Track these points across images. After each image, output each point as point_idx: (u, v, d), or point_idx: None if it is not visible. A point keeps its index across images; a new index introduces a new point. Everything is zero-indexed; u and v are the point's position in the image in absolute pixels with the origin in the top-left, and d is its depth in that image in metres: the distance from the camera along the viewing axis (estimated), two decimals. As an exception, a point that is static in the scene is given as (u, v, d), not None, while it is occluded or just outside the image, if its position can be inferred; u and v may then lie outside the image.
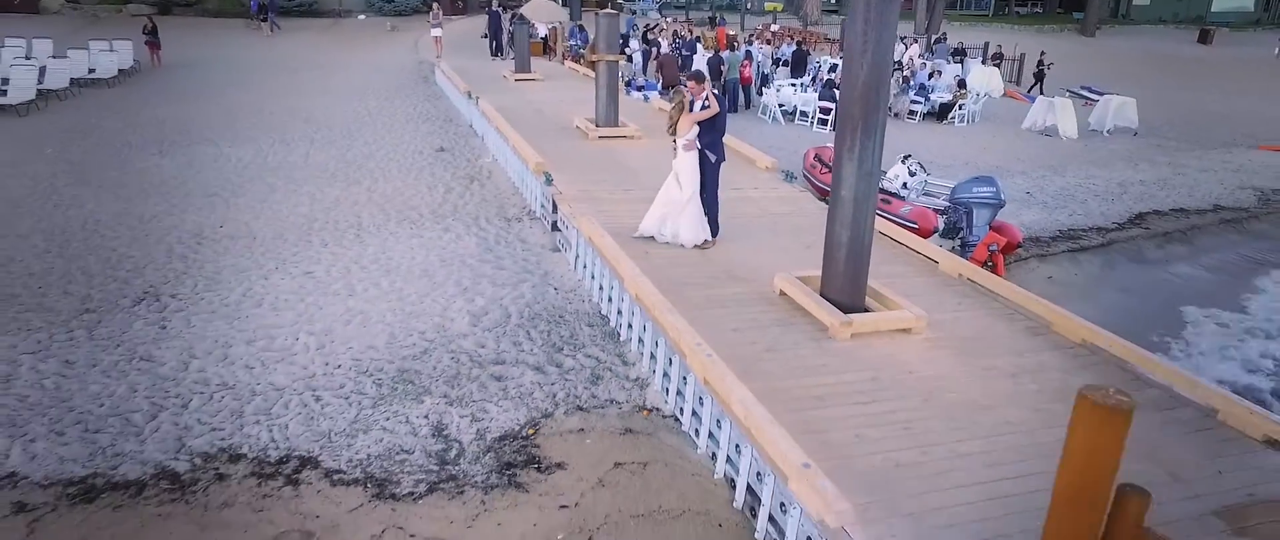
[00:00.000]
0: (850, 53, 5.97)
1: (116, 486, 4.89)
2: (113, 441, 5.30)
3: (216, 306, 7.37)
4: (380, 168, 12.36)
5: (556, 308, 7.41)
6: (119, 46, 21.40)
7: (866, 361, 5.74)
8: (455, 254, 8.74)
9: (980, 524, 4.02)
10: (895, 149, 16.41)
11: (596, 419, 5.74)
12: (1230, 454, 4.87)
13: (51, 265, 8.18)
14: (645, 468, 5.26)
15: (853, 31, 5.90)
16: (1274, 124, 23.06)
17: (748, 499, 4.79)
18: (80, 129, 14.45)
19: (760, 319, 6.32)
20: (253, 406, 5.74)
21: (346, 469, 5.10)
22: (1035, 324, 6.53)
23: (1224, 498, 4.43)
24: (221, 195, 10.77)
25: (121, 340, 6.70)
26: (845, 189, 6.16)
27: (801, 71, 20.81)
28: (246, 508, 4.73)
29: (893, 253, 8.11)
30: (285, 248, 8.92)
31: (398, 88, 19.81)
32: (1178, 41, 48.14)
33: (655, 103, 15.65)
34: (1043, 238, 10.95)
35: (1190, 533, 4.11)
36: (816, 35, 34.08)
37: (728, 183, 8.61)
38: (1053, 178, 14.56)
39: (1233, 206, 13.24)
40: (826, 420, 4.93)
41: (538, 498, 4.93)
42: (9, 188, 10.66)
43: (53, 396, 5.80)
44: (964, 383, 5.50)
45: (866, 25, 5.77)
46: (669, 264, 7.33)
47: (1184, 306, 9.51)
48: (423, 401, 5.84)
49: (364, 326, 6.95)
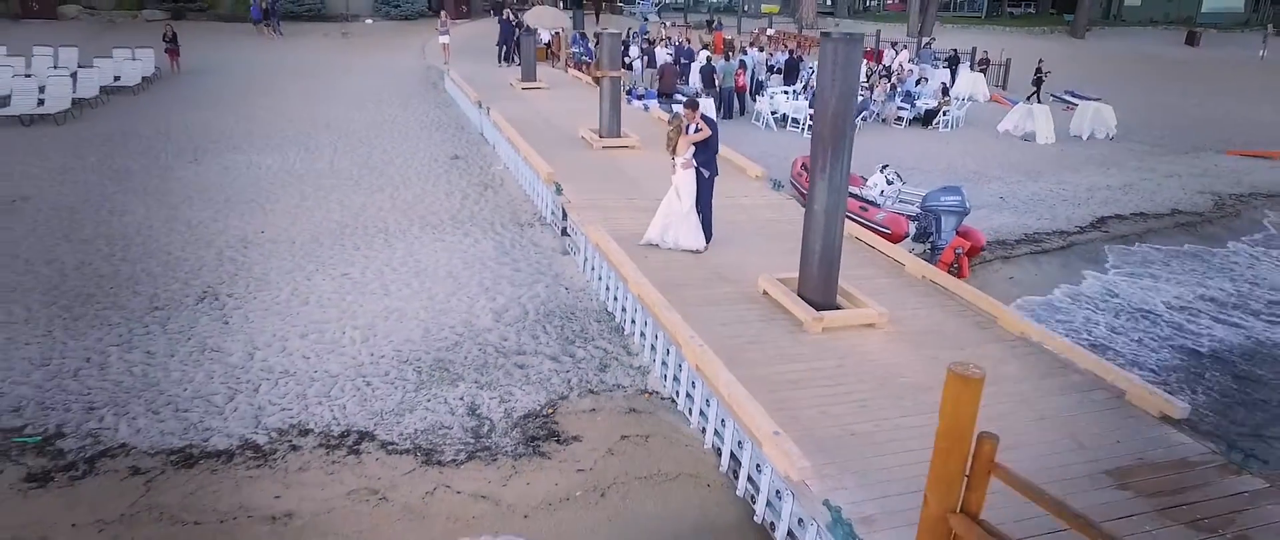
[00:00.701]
0: (822, 88, 6.99)
1: (209, 455, 5.92)
2: (200, 419, 6.33)
3: (269, 304, 8.39)
4: (400, 175, 13.37)
5: (568, 305, 8.44)
6: (141, 54, 22.41)
7: (834, 351, 6.77)
8: (475, 256, 9.76)
9: (910, 479, 5.03)
10: (882, 154, 17.50)
11: (605, 400, 6.77)
12: (1130, 427, 5.90)
13: (118, 268, 9.19)
14: (647, 440, 6.30)
15: (824, 70, 6.92)
16: (1247, 128, 24.06)
17: (731, 464, 5.82)
18: (117, 137, 15.44)
19: (745, 315, 7.35)
20: (313, 390, 6.77)
21: (398, 441, 6.13)
22: (983, 319, 7.56)
23: (1117, 461, 5.47)
24: (258, 202, 11.77)
25: (191, 334, 7.72)
26: (818, 203, 7.19)
27: (794, 79, 21.77)
28: (320, 471, 5.76)
29: (865, 256, 9.13)
30: (322, 251, 9.93)
31: (410, 94, 20.80)
32: (1165, 43, 49.09)
33: (654, 112, 16.62)
34: (1008, 240, 11.97)
35: (1083, 487, 5.15)
36: (811, 40, 34.99)
37: (721, 191, 9.62)
38: (1026, 183, 15.57)
39: (1189, 210, 14.25)
40: (796, 399, 5.96)
41: (558, 464, 5.96)
42: (66, 196, 11.66)
43: (143, 382, 6.83)
44: (914, 369, 6.53)
45: (835, 66, 6.79)
46: (667, 267, 8.35)
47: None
48: (457, 386, 6.87)
49: (401, 322, 7.97)
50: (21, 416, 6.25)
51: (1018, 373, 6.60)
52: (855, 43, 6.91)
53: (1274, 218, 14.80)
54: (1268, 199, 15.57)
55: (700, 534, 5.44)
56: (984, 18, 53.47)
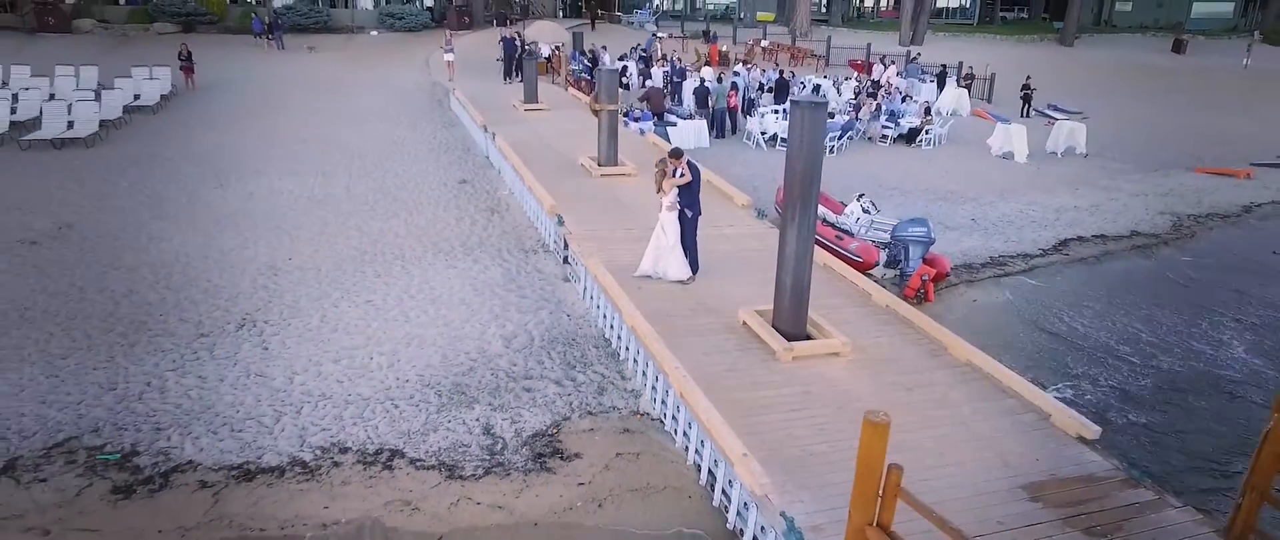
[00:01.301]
0: (791, 149, 7.99)
1: (264, 470, 6.93)
2: (253, 438, 7.34)
3: (302, 331, 9.40)
4: (413, 200, 14.37)
5: (569, 332, 9.45)
6: (159, 73, 23.40)
7: (801, 379, 7.78)
8: (485, 283, 10.77)
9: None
10: (867, 172, 18.54)
11: (602, 421, 7.80)
12: (1049, 447, 6.92)
13: (163, 296, 10.19)
14: (638, 456, 7.32)
15: (793, 133, 7.93)
16: (1222, 142, 25.05)
17: (709, 478, 6.84)
18: (144, 160, 16.43)
19: (725, 344, 8.36)
20: (348, 412, 7.78)
21: (425, 457, 7.15)
22: (935, 347, 8.58)
23: (1033, 477, 6.48)
24: (283, 228, 12.77)
25: (236, 359, 8.73)
26: (789, 247, 8.20)
27: (783, 98, 22.75)
28: (360, 485, 6.78)
29: (837, 286, 10.15)
30: (345, 278, 10.94)
31: (417, 113, 21.78)
32: (1153, 51, 50.01)
33: (649, 137, 17.60)
34: (974, 264, 12.99)
35: (1001, 499, 6.16)
36: (804, 51, 35.98)
37: (708, 221, 10.64)
38: (998, 204, 16.58)
39: (1148, 232, 15.27)
40: (765, 423, 6.97)
41: (562, 478, 6.98)
42: (106, 222, 12.66)
43: (200, 404, 7.84)
44: (870, 395, 7.54)
45: (803, 130, 7.80)
46: (657, 298, 9.36)
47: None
48: (473, 408, 7.89)
49: (421, 348, 8.99)
50: (101, 436, 7.27)
51: (960, 398, 7.62)
52: (820, 108, 7.91)
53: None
54: (1223, 220, 16.60)
55: (678, 529, 6.46)
56: (975, 25, 54.29)
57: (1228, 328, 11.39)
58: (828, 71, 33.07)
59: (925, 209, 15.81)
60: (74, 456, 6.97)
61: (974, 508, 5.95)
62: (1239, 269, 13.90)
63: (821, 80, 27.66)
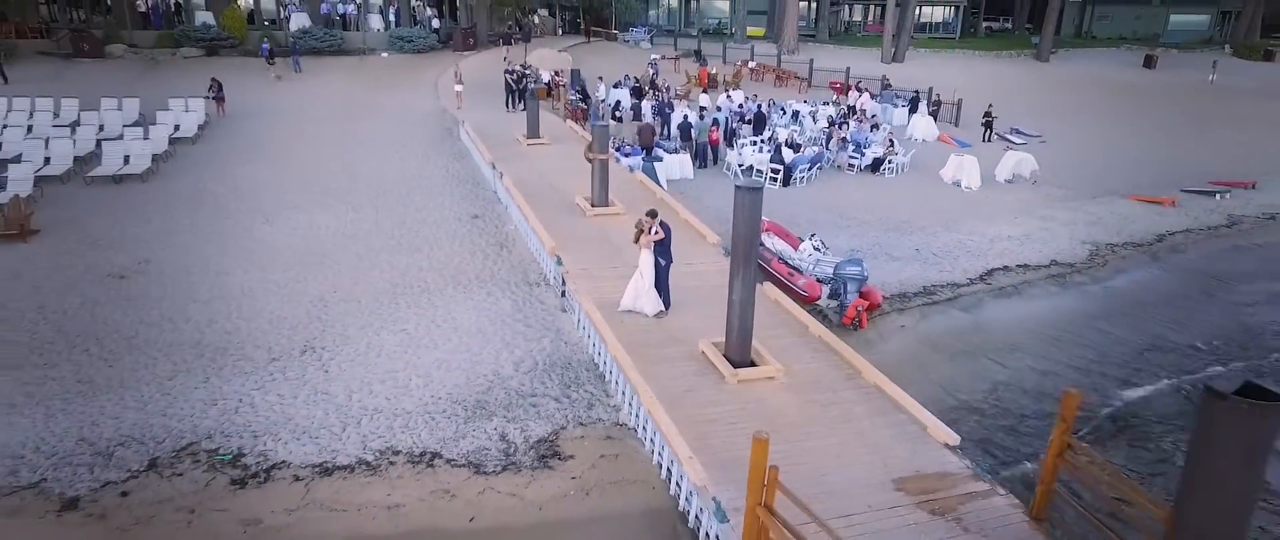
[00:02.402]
0: (735, 225, 10.37)
1: (339, 468, 9.35)
2: (328, 443, 9.76)
3: (353, 356, 11.81)
4: (432, 234, 16.75)
5: (566, 358, 11.87)
6: (193, 105, 25.75)
7: (743, 398, 10.20)
8: (497, 314, 13.18)
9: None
10: (833, 200, 20.92)
11: (591, 430, 10.22)
12: (921, 451, 9.33)
13: (238, 326, 12.60)
14: (617, 457, 9.74)
15: (738, 211, 10.31)
16: (1167, 165, 27.23)
17: (667, 473, 9.26)
18: (196, 196, 18.80)
19: (686, 370, 10.78)
20: (397, 423, 10.20)
21: (457, 458, 9.57)
22: (851, 371, 11.00)
23: (902, 473, 8.90)
24: (325, 262, 15.17)
25: (304, 380, 11.14)
26: (735, 295, 10.60)
27: (762, 129, 25.14)
28: (411, 478, 9.20)
29: (782, 318, 12.56)
30: (382, 309, 13.35)
31: (430, 144, 24.13)
32: (1125, 66, 52.21)
33: (637, 175, 19.96)
34: (908, 293, 15.40)
35: (874, 489, 8.57)
36: (788, 73, 38.31)
37: (681, 258, 13.04)
38: (941, 234, 18.96)
39: (1065, 262, 17.68)
40: (712, 432, 9.38)
41: (559, 473, 9.41)
42: (178, 258, 15.05)
43: (283, 416, 10.26)
44: (793, 411, 9.96)
45: (742, 210, 10.18)
46: (634, 330, 11.77)
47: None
48: (492, 420, 10.31)
49: (449, 372, 11.40)
50: (213, 441, 9.69)
51: (862, 413, 10.04)
52: (757, 192, 10.29)
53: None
54: (1137, 248, 19.01)
55: (647, 517, 8.89)
56: (956, 40, 56.52)
57: (1111, 355, 13.84)
58: (809, 94, 35.45)
59: (877, 238, 18.24)
60: (197, 457, 9.40)
61: (852, 494, 8.38)
62: (1139, 299, 16.34)
63: (801, 106, 30.02)
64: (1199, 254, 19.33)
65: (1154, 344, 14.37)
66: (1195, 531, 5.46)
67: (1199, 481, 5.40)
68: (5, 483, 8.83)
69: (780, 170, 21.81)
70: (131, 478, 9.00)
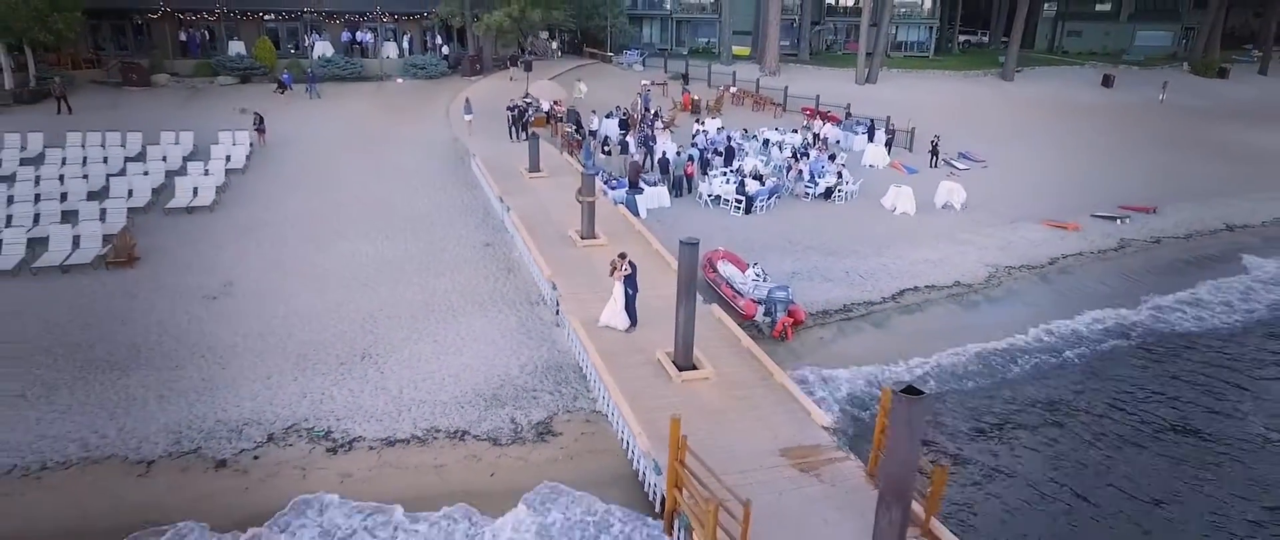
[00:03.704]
0: (680, 267, 14.42)
1: (398, 441, 13.44)
2: (390, 424, 13.84)
3: (400, 361, 15.88)
4: (453, 260, 20.80)
5: (558, 362, 15.94)
6: (239, 138, 29.80)
7: (683, 393, 14.25)
8: (506, 328, 17.25)
9: (708, 459, 12.53)
10: (782, 230, 24.88)
11: (576, 415, 14.30)
12: (803, 429, 13.37)
13: (312, 337, 16.67)
14: (594, 434, 13.83)
15: (681, 269, 14.35)
16: (1092, 190, 30.93)
17: (625, 446, 13.35)
18: (255, 225, 22.84)
19: (645, 373, 14.82)
20: (437, 410, 14.28)
21: (481, 435, 13.65)
22: (765, 373, 15.06)
23: (786, 445, 12.96)
24: (370, 285, 19.22)
25: (366, 379, 15.22)
26: (680, 317, 14.65)
27: (731, 161, 29.16)
28: (449, 448, 13.29)
29: (721, 332, 16.60)
30: (418, 324, 17.41)
31: (446, 175, 28.15)
32: (1085, 84, 55.77)
33: (620, 209, 23.98)
34: (831, 311, 19.43)
35: (762, 456, 12.63)
36: (765, 99, 42.29)
37: (649, 285, 17.06)
38: (871, 258, 22.97)
39: (966, 283, 21.71)
40: (658, 417, 13.40)
41: (553, 446, 13.50)
42: (254, 282, 19.11)
43: (355, 405, 14.34)
44: (718, 402, 14.01)
45: (683, 268, 14.23)
46: (609, 342, 15.81)
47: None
48: (504, 408, 14.39)
49: (473, 373, 15.46)
50: (309, 422, 13.78)
51: (767, 403, 14.08)
52: (694, 246, 14.31)
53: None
54: (1031, 270, 23.04)
55: (612, 473, 12.96)
56: (929, 59, 60.30)
57: (966, 360, 17.93)
58: (783, 119, 39.48)
59: (816, 262, 22.25)
60: (300, 433, 13.49)
61: (750, 458, 12.42)
62: (1013, 311, 20.39)
63: (773, 133, 34.05)
64: (1083, 275, 23.36)
65: (1005, 348, 18.48)
66: (887, 472, 9.46)
67: (895, 443, 9.38)
68: (174, 449, 12.93)
69: (743, 200, 25.85)
70: (258, 446, 13.10)
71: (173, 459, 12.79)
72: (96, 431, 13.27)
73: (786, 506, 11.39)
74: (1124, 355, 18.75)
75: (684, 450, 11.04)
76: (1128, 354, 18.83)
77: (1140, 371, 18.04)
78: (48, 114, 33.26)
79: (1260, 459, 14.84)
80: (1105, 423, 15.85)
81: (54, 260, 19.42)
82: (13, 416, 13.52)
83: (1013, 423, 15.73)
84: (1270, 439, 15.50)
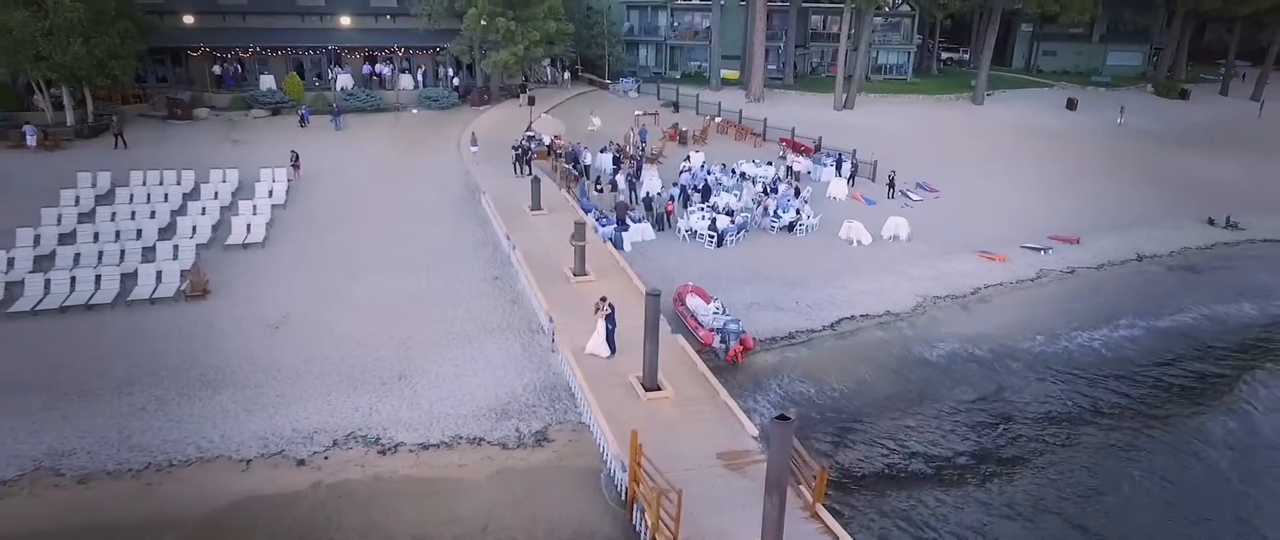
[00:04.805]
0: (647, 317, 18.73)
1: (431, 445, 17.79)
2: (423, 432, 18.19)
3: (429, 381, 20.20)
4: (468, 293, 25.11)
5: (553, 383, 20.27)
6: (278, 174, 34.14)
7: (648, 409, 18.56)
8: (512, 354, 21.57)
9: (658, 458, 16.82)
10: (745, 263, 29.10)
11: (565, 425, 18.64)
12: (736, 436, 17.68)
13: (356, 361, 20.99)
14: (579, 441, 18.19)
15: (647, 313, 18.66)
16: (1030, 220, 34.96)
17: (601, 449, 17.69)
18: (300, 259, 27.18)
19: (620, 392, 19.14)
20: (460, 421, 18.62)
21: (494, 441, 18.01)
22: (711, 392, 19.35)
23: (722, 450, 17.27)
24: (399, 315, 23.52)
25: (403, 396, 19.57)
26: (647, 351, 18.95)
27: (708, 198, 33.43)
28: (469, 451, 17.65)
29: (682, 357, 20.87)
30: (442, 350, 21.73)
31: (460, 210, 32.43)
32: (1051, 106, 59.31)
33: (607, 247, 28.24)
34: (777, 337, 23.69)
35: (703, 459, 16.95)
36: (746, 129, 46.48)
37: (627, 317, 21.34)
38: (820, 288, 27.23)
39: (895, 312, 25.94)
40: (627, 428, 17.72)
41: (548, 449, 17.86)
42: (308, 312, 23.41)
43: (395, 417, 18.69)
44: (674, 416, 18.32)
45: (650, 313, 18.54)
46: (592, 366, 20.12)
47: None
48: (510, 420, 18.74)
49: (485, 391, 19.78)
50: (362, 430, 18.12)
51: (712, 417, 18.37)
52: (656, 296, 18.58)
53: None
54: (954, 300, 27.27)
55: (591, 472, 17.28)
56: (908, 80, 64.26)
57: (877, 380, 22.22)
58: (762, 148, 43.68)
59: (772, 293, 26.50)
60: (357, 439, 17.86)
61: (693, 461, 16.70)
62: (922, 339, 24.66)
63: (749, 166, 38.28)
64: (999, 303, 27.58)
65: (916, 367, 22.74)
66: (769, 474, 13.73)
67: (771, 455, 13.63)
68: (263, 451, 17.30)
69: (716, 234, 30.12)
70: (326, 449, 17.47)
71: (264, 459, 17.16)
72: (205, 437, 17.66)
73: (716, 496, 15.70)
74: (1007, 373, 22.95)
75: (640, 454, 15.37)
76: (1009, 372, 23.02)
77: (1017, 393, 22.25)
78: (106, 148, 37.78)
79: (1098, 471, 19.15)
80: (968, 421, 20.16)
81: (143, 294, 23.80)
82: (140, 426, 17.91)
83: (908, 428, 20.03)
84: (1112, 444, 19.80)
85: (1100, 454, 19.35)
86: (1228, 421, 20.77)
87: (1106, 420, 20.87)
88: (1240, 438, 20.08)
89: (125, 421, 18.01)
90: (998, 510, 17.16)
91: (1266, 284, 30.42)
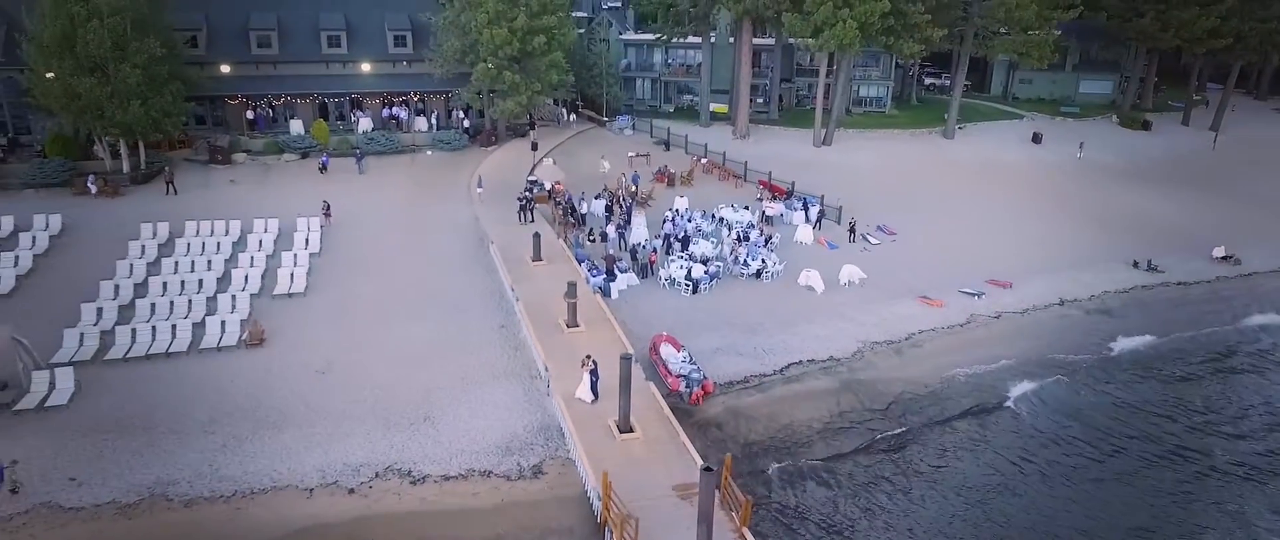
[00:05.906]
0: (620, 382, 23.68)
1: (453, 477, 22.79)
2: (443, 465, 23.19)
3: (449, 422, 25.18)
4: (479, 340, 30.05)
5: (547, 424, 25.24)
6: (311, 222, 39.14)
7: (621, 448, 23.47)
8: (516, 398, 26.54)
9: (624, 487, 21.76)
10: (715, 309, 34.00)
11: (558, 460, 23.62)
12: (690, 471, 22.66)
13: (390, 404, 25.99)
14: (567, 474, 23.18)
15: (621, 380, 23.62)
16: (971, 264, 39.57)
17: (585, 481, 22.67)
18: (337, 309, 32.16)
19: (600, 433, 24.05)
20: (474, 456, 23.61)
21: (500, 473, 22.99)
22: (673, 431, 24.28)
23: (678, 482, 22.23)
24: (424, 362, 28.47)
25: (428, 435, 24.59)
26: (621, 401, 23.91)
27: (687, 247, 38.32)
28: (480, 483, 22.63)
29: (651, 403, 25.81)
30: (461, 394, 26.70)
31: (470, 258, 37.36)
32: (1018, 140, 63.67)
33: (597, 298, 33.16)
34: (734, 382, 28.57)
35: (658, 490, 21.91)
36: (730, 171, 51.30)
37: (607, 365, 26.29)
38: (777, 334, 32.06)
39: (838, 357, 30.77)
40: (604, 462, 22.70)
41: (542, 481, 22.85)
42: (346, 358, 28.42)
43: (423, 452, 23.66)
44: (641, 454, 23.25)
45: (623, 378, 23.49)
46: (580, 411, 25.04)
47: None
48: (513, 456, 23.72)
49: (495, 430, 24.75)
50: (397, 463, 23.13)
51: (672, 455, 23.29)
52: (628, 359, 23.52)
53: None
54: (889, 345, 32.08)
55: (578, 498, 22.26)
56: (886, 113, 68.81)
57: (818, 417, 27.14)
58: (742, 189, 48.46)
59: (734, 339, 31.34)
60: (393, 471, 22.87)
61: (652, 492, 21.61)
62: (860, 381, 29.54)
63: (727, 211, 43.11)
64: (930, 348, 32.41)
65: (843, 411, 27.63)
66: (700, 508, 18.62)
67: (700, 497, 18.48)
68: (322, 481, 22.28)
69: (691, 282, 35.01)
70: (370, 480, 22.46)
71: (323, 488, 22.17)
72: (275, 469, 22.69)
73: (670, 521, 20.63)
74: (914, 413, 27.84)
75: (610, 488, 20.34)
76: (919, 412, 27.90)
77: (923, 431, 27.13)
78: (158, 193, 43.04)
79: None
80: (884, 448, 25.07)
81: (211, 342, 28.85)
82: (225, 459, 22.96)
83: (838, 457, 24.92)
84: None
85: (977, 470, 24.29)
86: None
87: (986, 452, 25.78)
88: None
89: (212, 456, 23.04)
90: (899, 518, 22.12)
91: (1167, 319, 35.35)
